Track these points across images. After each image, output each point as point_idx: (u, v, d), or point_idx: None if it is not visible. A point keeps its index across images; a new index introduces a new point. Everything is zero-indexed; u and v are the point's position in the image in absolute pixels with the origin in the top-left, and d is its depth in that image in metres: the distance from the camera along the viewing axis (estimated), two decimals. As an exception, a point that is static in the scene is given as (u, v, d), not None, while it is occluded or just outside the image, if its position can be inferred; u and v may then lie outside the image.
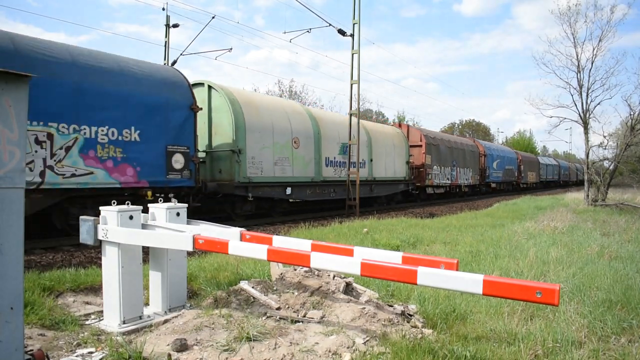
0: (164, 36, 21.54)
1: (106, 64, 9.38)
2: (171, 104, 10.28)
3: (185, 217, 4.67)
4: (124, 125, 9.35)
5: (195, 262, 6.34)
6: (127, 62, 10.00)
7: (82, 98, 8.68)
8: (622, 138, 20.91)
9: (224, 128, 12.43)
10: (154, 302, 4.55)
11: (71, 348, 3.65)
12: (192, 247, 3.58)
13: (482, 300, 4.59)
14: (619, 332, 3.90)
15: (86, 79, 8.83)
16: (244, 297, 4.38)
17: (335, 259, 3.16)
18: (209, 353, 3.38)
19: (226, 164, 12.39)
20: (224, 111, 12.44)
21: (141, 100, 9.68)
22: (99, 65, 9.19)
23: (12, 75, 2.50)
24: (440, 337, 3.67)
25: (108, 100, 9.08)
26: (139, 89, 9.71)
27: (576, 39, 19.56)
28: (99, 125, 8.94)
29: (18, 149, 2.56)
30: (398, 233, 9.78)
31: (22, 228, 2.60)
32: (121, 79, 9.47)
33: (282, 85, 45.17)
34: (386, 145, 19.71)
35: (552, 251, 7.31)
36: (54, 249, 8.61)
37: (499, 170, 33.56)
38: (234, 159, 12.22)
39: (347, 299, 4.23)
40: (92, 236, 4.08)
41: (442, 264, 3.11)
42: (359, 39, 16.38)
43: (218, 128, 12.59)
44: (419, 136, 22.90)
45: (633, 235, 9.75)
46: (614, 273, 5.81)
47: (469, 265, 6.37)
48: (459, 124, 78.73)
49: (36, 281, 5.04)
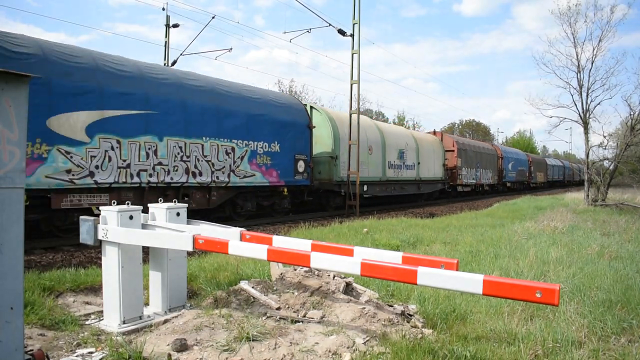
0: (164, 36, 21.55)
1: (260, 96, 13.51)
2: (296, 123, 14.35)
3: (185, 217, 4.66)
4: (272, 140, 13.38)
5: (195, 262, 6.34)
6: (270, 95, 14.55)
7: (250, 123, 12.65)
8: (622, 138, 20.90)
9: (324, 139, 16.38)
10: (154, 302, 4.55)
11: (71, 348, 3.64)
12: (192, 247, 3.58)
13: (482, 300, 4.58)
14: (619, 332, 3.89)
15: (252, 109, 12.81)
16: (244, 297, 4.38)
17: (335, 259, 3.16)
18: (209, 353, 3.38)
19: (325, 167, 16.19)
20: (324, 127, 16.46)
21: (280, 122, 13.68)
22: (256, 98, 13.28)
23: (12, 76, 2.50)
24: (440, 337, 3.67)
25: (263, 124, 13.11)
26: (279, 114, 13.72)
27: (576, 39, 19.58)
28: (258, 140, 12.93)
29: (18, 149, 2.55)
30: (398, 233, 9.78)
31: (22, 228, 2.60)
32: (271, 108, 13.54)
33: (282, 85, 45.16)
34: (428, 151, 23.42)
35: (552, 251, 7.31)
36: (54, 249, 8.61)
37: (513, 171, 37.28)
38: (332, 163, 16.19)
39: (347, 299, 4.23)
40: (92, 236, 4.08)
41: (442, 264, 3.11)
42: (359, 39, 16.41)
43: (318, 139, 16.19)
44: (451, 142, 26.87)
45: (633, 235, 9.74)
46: (614, 273, 5.81)
47: (469, 265, 6.37)
48: (459, 124, 78.74)
49: (36, 281, 5.04)
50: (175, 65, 20.63)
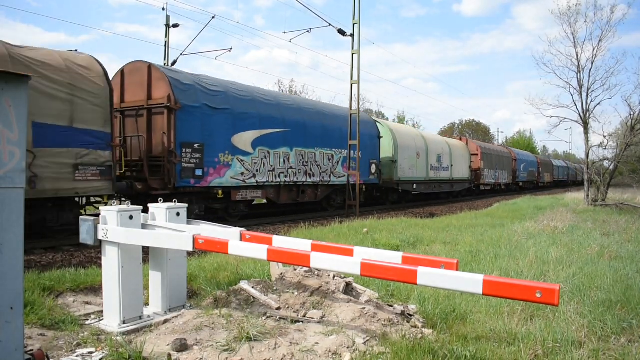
0: (164, 36, 21.56)
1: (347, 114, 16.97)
2: (371, 135, 18.46)
3: (185, 217, 4.66)
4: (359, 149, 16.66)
5: (195, 262, 6.34)
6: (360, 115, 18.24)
7: (342, 135, 16.55)
8: (622, 138, 20.89)
9: (385, 147, 19.94)
10: (154, 302, 4.55)
11: (71, 348, 3.64)
12: (192, 247, 3.58)
13: (482, 300, 4.58)
14: (619, 332, 3.89)
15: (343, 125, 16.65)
16: (244, 297, 4.38)
17: (335, 259, 3.16)
18: (209, 353, 3.38)
19: (387, 169, 19.85)
20: (386, 137, 20.06)
21: (363, 134, 17.18)
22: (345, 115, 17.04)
23: (12, 76, 2.50)
24: (440, 337, 3.67)
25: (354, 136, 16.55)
26: (363, 129, 17.21)
27: (576, 39, 19.56)
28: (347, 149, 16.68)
29: (18, 149, 2.55)
30: (398, 233, 9.78)
31: (22, 228, 2.60)
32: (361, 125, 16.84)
33: (282, 86, 45.15)
34: (458, 155, 27.34)
35: (552, 251, 7.31)
36: (54, 249, 8.61)
37: (524, 172, 41.17)
38: (392, 166, 20.02)
39: (347, 299, 4.23)
40: (92, 236, 4.08)
41: (442, 264, 3.11)
42: (359, 39, 16.42)
43: (382, 147, 19.67)
44: (475, 147, 31.10)
45: (633, 235, 9.74)
46: (614, 273, 5.81)
47: (469, 265, 6.37)
48: (459, 124, 78.65)
49: (36, 281, 5.04)
50: (176, 65, 20.63)
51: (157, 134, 10.94)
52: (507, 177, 36.31)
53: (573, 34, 19.48)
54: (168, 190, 10.67)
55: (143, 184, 10.54)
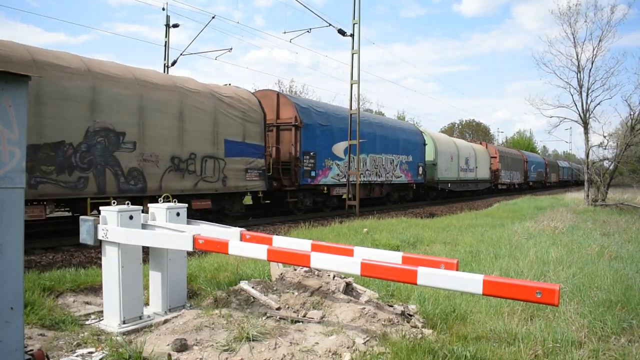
0: (164, 36, 21.56)
1: (401, 126, 22.40)
2: (417, 142, 22.41)
3: (185, 217, 4.66)
4: (408, 154, 21.08)
5: (195, 262, 6.34)
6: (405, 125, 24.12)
7: (399, 143, 20.42)
8: (622, 138, 20.88)
9: (428, 152, 23.75)
10: (154, 302, 4.55)
11: (71, 348, 3.64)
12: (192, 247, 3.57)
13: (482, 300, 4.58)
14: (619, 332, 3.89)
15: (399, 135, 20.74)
16: (244, 297, 4.38)
17: (335, 259, 3.16)
18: (209, 353, 3.38)
19: (429, 170, 23.73)
20: (429, 143, 24.00)
21: (411, 142, 21.60)
22: (399, 127, 21.89)
23: (12, 76, 2.50)
24: (440, 337, 3.67)
25: (404, 143, 20.87)
26: (410, 137, 21.78)
27: (576, 39, 19.55)
28: (402, 154, 20.62)
29: (18, 149, 2.55)
30: (398, 233, 9.78)
31: (22, 228, 2.60)
32: (407, 134, 21.73)
33: (282, 86, 45.18)
34: (481, 158, 31.29)
35: (552, 251, 7.31)
36: (54, 249, 8.61)
37: (534, 172, 44.84)
38: (434, 168, 24.15)
39: (347, 299, 4.23)
40: (92, 236, 4.07)
41: (442, 264, 3.11)
42: (359, 39, 16.44)
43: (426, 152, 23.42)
44: (494, 150, 35.01)
45: (633, 235, 9.74)
46: (614, 273, 5.81)
47: (469, 265, 6.37)
48: (459, 124, 78.66)
49: (36, 281, 5.04)
50: (176, 65, 20.70)
51: (284, 145, 14.80)
52: (519, 178, 39.94)
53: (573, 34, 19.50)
54: (294, 187, 14.55)
55: (277, 182, 14.28)
